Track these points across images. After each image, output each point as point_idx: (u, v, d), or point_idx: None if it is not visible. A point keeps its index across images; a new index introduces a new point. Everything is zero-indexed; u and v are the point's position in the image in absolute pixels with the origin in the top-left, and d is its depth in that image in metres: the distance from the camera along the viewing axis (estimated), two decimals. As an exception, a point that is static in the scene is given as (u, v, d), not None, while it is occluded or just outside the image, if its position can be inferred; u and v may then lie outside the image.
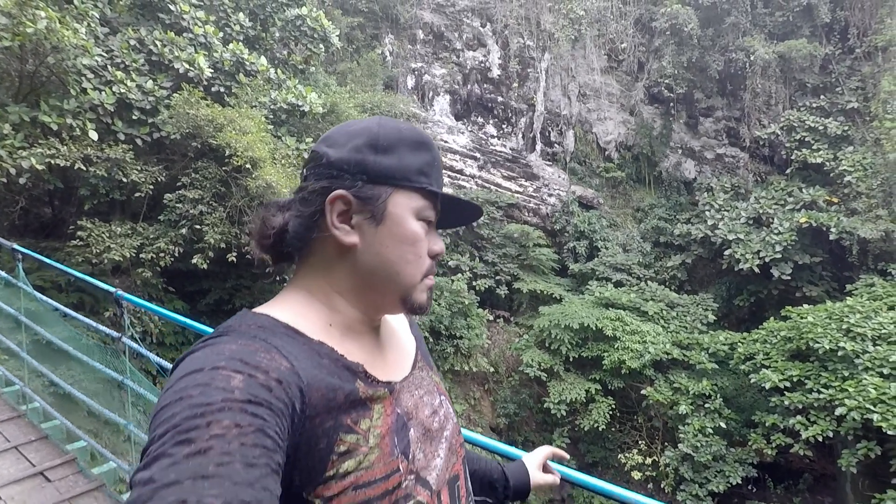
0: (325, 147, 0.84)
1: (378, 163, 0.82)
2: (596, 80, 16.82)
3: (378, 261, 0.83)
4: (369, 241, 0.82)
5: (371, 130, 0.84)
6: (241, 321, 0.75)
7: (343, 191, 0.80)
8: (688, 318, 13.41)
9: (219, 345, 0.68)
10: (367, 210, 0.82)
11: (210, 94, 8.18)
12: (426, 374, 0.95)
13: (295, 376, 0.68)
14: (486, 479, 1.23)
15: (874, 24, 14.00)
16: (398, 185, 0.83)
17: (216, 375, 0.62)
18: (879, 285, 11.35)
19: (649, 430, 12.42)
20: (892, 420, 7.72)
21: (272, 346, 0.69)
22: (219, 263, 8.12)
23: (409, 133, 0.87)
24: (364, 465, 0.73)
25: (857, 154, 13.30)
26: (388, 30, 16.53)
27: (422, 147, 0.87)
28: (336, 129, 0.88)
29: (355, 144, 0.83)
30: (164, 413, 0.60)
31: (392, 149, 0.84)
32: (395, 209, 0.83)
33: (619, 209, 16.93)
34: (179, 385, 0.62)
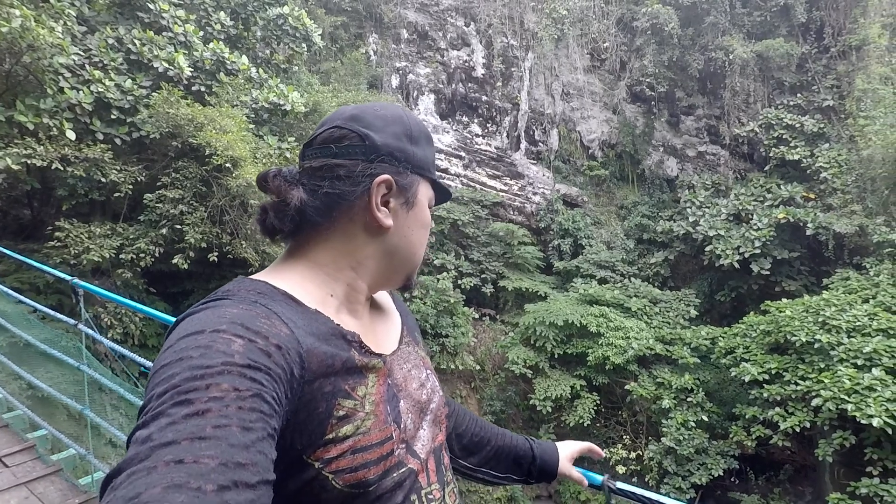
0: (364, 128, 0.85)
1: (414, 153, 0.88)
2: (579, 80, 16.97)
3: (404, 242, 0.89)
4: (400, 224, 0.87)
5: (403, 120, 0.89)
6: (239, 286, 0.76)
7: (389, 176, 0.84)
8: (670, 313, 13.60)
9: (220, 308, 0.68)
10: (403, 196, 0.87)
11: (190, 93, 8.14)
12: (412, 349, 0.98)
13: (294, 342, 0.69)
14: (511, 453, 1.25)
15: (848, 24, 14.30)
16: (424, 175, 0.90)
17: (217, 338, 0.63)
18: (854, 279, 11.61)
19: (633, 425, 12.58)
20: (865, 410, 7.91)
21: (272, 311, 0.70)
22: (201, 264, 8.08)
23: (424, 126, 0.93)
24: (361, 430, 0.75)
25: (832, 151, 13.58)
26: (373, 29, 16.52)
27: (431, 141, 0.95)
28: (365, 109, 0.88)
29: (395, 132, 0.86)
30: (164, 372, 0.60)
31: (419, 140, 0.90)
32: (420, 197, 0.90)
33: (603, 207, 17.10)
34: (180, 345, 0.63)
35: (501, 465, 1.24)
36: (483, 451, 1.21)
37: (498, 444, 1.23)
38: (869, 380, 8.35)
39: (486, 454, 1.21)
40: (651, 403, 11.75)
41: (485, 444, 1.21)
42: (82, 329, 3.18)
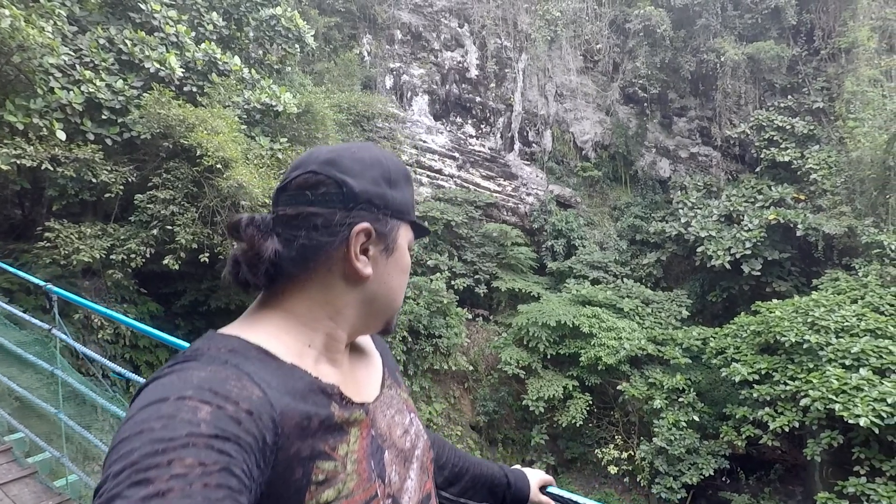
0: (341, 174, 0.81)
1: (394, 198, 0.85)
2: (572, 81, 17.04)
3: (384, 289, 0.86)
4: (380, 271, 0.84)
5: (382, 163, 0.86)
6: (209, 343, 0.72)
7: (368, 224, 0.81)
8: (662, 314, 13.68)
9: (186, 371, 0.64)
10: (383, 243, 0.84)
11: (182, 93, 8.12)
12: (395, 392, 0.95)
13: (267, 405, 0.65)
14: (487, 482, 1.24)
15: (838, 27, 14.44)
16: (403, 219, 0.88)
17: (182, 406, 0.58)
18: (843, 280, 11.72)
19: (625, 425, 12.63)
20: (853, 409, 8.00)
21: (244, 372, 0.66)
22: (193, 264, 8.07)
23: (403, 166, 0.91)
24: (344, 494, 0.72)
25: (822, 153, 13.70)
26: (366, 30, 16.53)
27: (409, 180, 0.92)
28: (341, 152, 0.85)
29: (373, 176, 0.83)
30: (121, 448, 0.55)
31: (398, 182, 0.87)
32: (401, 241, 0.87)
33: (597, 208, 17.17)
34: (141, 416, 0.58)
35: (478, 493, 1.23)
36: (462, 480, 1.21)
37: (474, 473, 1.23)
38: (856, 380, 8.44)
39: (465, 484, 1.21)
40: (643, 404, 11.81)
41: (464, 474, 1.20)
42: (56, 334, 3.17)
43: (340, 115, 12.74)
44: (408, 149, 15.68)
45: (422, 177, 15.86)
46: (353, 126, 13.65)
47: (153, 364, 8.06)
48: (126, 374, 2.68)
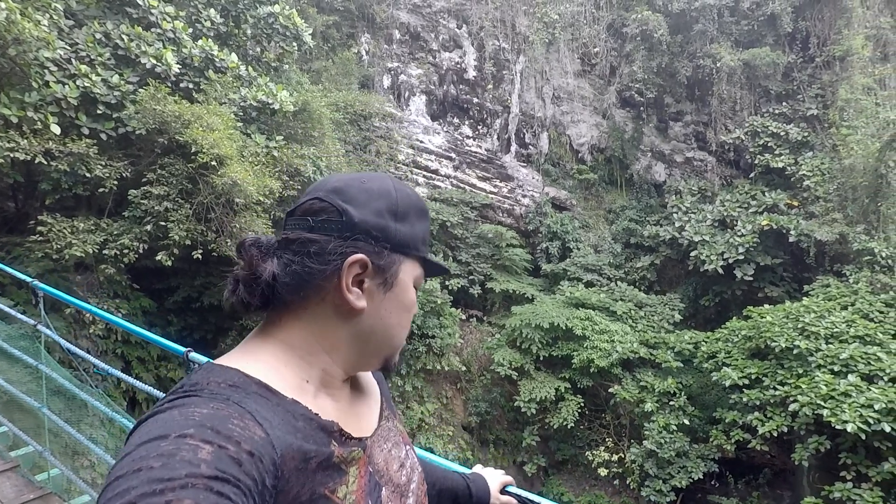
0: (343, 203, 0.80)
1: (398, 231, 0.82)
2: (569, 84, 17.09)
3: (379, 325, 0.83)
4: (376, 306, 0.82)
5: (390, 194, 0.83)
6: (209, 376, 0.70)
7: (364, 256, 0.79)
8: (655, 317, 13.74)
9: (188, 407, 0.63)
10: (381, 277, 0.81)
11: (178, 89, 8.11)
12: (392, 423, 0.95)
13: (269, 447, 0.64)
14: (452, 493, 1.26)
15: (833, 35, 14.55)
16: (408, 254, 0.84)
17: (182, 445, 0.56)
18: (834, 286, 11.82)
19: (616, 428, 12.69)
20: (840, 415, 8.06)
21: (246, 410, 0.65)
22: (186, 261, 8.06)
23: (416, 198, 0.88)
24: None
25: (815, 159, 13.80)
26: (365, 29, 16.53)
27: (424, 215, 0.88)
28: (350, 181, 0.84)
29: (377, 208, 0.81)
30: (118, 485, 0.53)
31: (407, 216, 0.84)
32: (403, 277, 0.84)
33: (592, 210, 17.23)
34: (139, 453, 0.56)
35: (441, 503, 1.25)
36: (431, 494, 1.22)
37: (441, 487, 1.23)
38: (845, 386, 8.52)
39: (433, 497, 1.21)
40: (634, 406, 11.87)
41: (433, 487, 1.20)
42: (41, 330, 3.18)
43: (337, 113, 12.74)
44: (404, 148, 15.70)
45: (418, 177, 15.88)
46: (349, 125, 13.65)
47: (145, 360, 8.06)
48: (111, 370, 2.69)
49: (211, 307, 9.17)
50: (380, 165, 14.60)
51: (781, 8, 14.80)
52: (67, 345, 3.07)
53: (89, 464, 4.80)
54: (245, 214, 7.62)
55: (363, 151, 14.54)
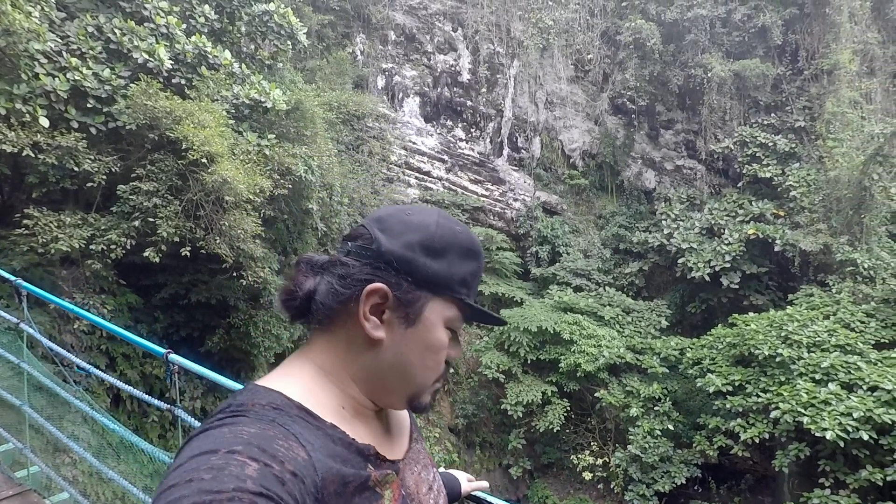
0: (378, 230, 0.82)
1: (427, 267, 0.80)
2: (563, 89, 17.21)
3: (399, 361, 0.82)
4: (396, 340, 0.81)
5: (428, 229, 0.82)
6: (253, 397, 0.73)
7: (384, 285, 0.78)
8: (642, 323, 13.87)
9: (237, 425, 0.66)
10: (402, 310, 0.80)
11: (170, 85, 8.07)
12: (420, 446, 0.97)
13: (311, 469, 0.66)
14: None
15: (821, 48, 14.79)
16: (438, 293, 0.82)
17: (231, 460, 0.60)
18: (817, 295, 12.01)
19: (602, 432, 12.78)
20: (820, 423, 8.20)
21: (290, 432, 0.68)
22: (174, 257, 8.00)
23: (463, 238, 0.85)
24: None
25: (802, 171, 14.02)
26: (360, 29, 16.53)
27: (471, 255, 0.85)
28: (393, 211, 0.85)
29: (409, 241, 0.81)
30: (170, 494, 0.57)
31: (443, 253, 0.82)
32: (429, 315, 0.82)
33: (582, 216, 17.35)
34: (191, 465, 0.60)
35: None
36: None
37: None
38: (825, 394, 8.66)
39: None
40: (620, 411, 11.97)
41: None
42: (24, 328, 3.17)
43: (330, 113, 12.73)
44: (397, 150, 15.71)
45: (410, 178, 15.90)
46: (342, 125, 13.65)
47: (130, 356, 7.99)
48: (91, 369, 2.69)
49: (198, 304, 9.10)
50: (372, 166, 14.61)
51: (772, 21, 15.03)
52: (49, 343, 3.06)
53: (70, 461, 4.77)
54: (235, 212, 7.59)
55: (356, 151, 14.54)
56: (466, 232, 0.86)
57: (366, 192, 13.89)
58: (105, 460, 3.71)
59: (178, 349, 9.38)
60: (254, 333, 9.38)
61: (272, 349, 10.09)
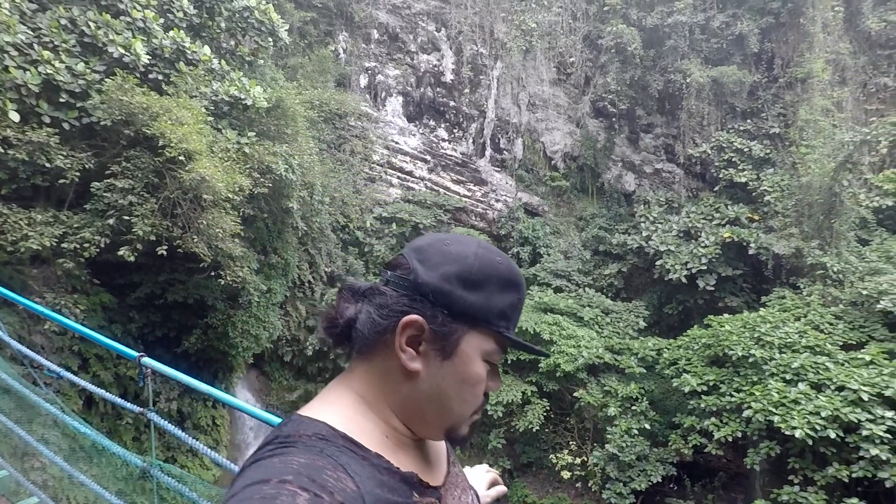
0: (416, 260, 0.82)
1: (464, 299, 0.80)
2: (545, 91, 17.35)
3: (435, 393, 0.82)
4: (432, 372, 0.81)
5: (466, 260, 0.81)
6: (299, 428, 0.74)
7: (420, 318, 0.79)
8: (621, 324, 14.06)
9: (287, 455, 0.68)
10: (439, 343, 0.80)
11: (147, 81, 7.91)
12: (457, 469, 0.97)
13: (359, 500, 0.67)
14: None
15: (796, 57, 15.17)
16: (476, 326, 0.82)
17: (282, 490, 0.61)
18: (789, 298, 12.33)
19: (580, 432, 12.93)
20: (790, 422, 8.42)
21: (339, 463, 0.69)
22: (150, 256, 7.86)
23: (503, 269, 0.84)
24: None
25: (776, 176, 14.37)
26: (343, 27, 16.42)
27: (511, 287, 0.84)
28: (433, 240, 0.85)
29: (446, 272, 0.80)
30: None
31: (482, 285, 0.81)
32: (466, 348, 0.81)
33: (563, 217, 17.51)
34: (244, 494, 0.62)
35: None
36: None
37: None
38: (795, 393, 8.90)
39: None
40: (598, 411, 12.12)
41: None
42: None
43: (312, 111, 12.63)
44: (379, 149, 15.66)
45: (392, 178, 15.86)
46: (324, 123, 13.55)
47: (103, 357, 7.82)
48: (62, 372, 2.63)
49: (175, 304, 8.96)
50: (354, 165, 14.54)
51: (749, 29, 15.36)
52: (18, 346, 2.98)
53: (40, 465, 4.65)
54: (213, 211, 7.48)
55: (338, 150, 14.45)
56: (507, 263, 0.85)
57: (347, 191, 13.82)
58: (76, 464, 3.64)
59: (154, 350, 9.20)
60: (232, 334, 9.27)
61: (251, 349, 9.99)
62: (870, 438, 8.13)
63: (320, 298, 12.58)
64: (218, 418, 10.32)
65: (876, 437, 8.09)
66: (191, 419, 9.54)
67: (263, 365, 12.70)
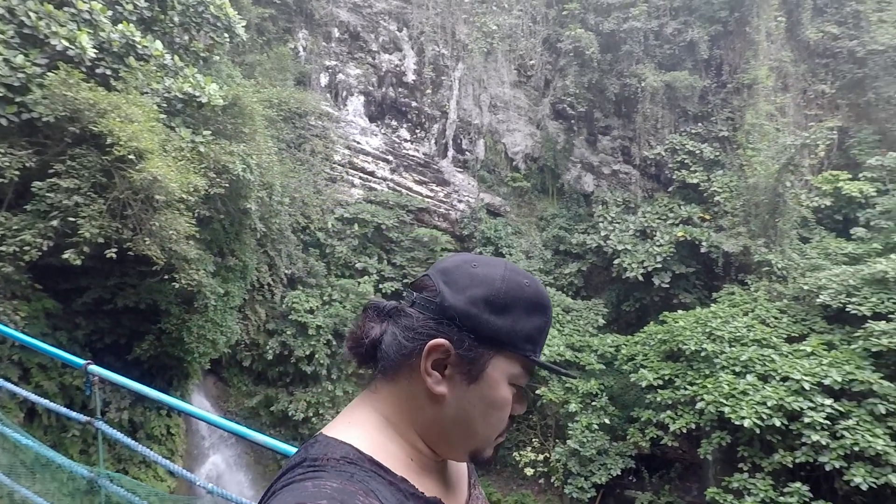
0: (442, 283, 0.81)
1: (490, 323, 0.79)
2: (506, 93, 17.56)
3: (462, 416, 0.81)
4: (458, 395, 0.80)
5: (493, 284, 0.80)
6: (326, 451, 0.75)
7: (446, 341, 0.78)
8: (581, 321, 14.39)
9: (319, 479, 0.68)
10: (465, 367, 0.80)
11: (94, 76, 7.56)
12: (478, 491, 0.98)
13: None
14: None
15: (742, 64, 15.92)
16: (502, 350, 0.81)
17: None
18: (738, 294, 12.92)
19: (543, 428, 13.15)
20: (739, 412, 8.83)
21: (370, 489, 0.69)
22: (98, 259, 7.51)
23: (530, 292, 0.83)
24: None
25: (725, 177, 15.03)
26: (302, 24, 16.15)
27: (538, 310, 0.83)
28: (460, 262, 0.85)
29: (473, 296, 0.79)
30: None
31: (508, 309, 0.80)
32: (492, 372, 0.81)
33: (524, 217, 17.76)
34: None
35: None
36: None
37: None
38: (744, 385, 9.34)
39: None
40: (559, 407, 12.36)
41: None
42: None
43: (271, 110, 12.37)
44: (341, 149, 15.48)
45: (354, 178, 15.70)
46: (283, 122, 13.29)
47: (46, 366, 7.42)
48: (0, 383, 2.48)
49: (125, 309, 8.60)
50: (314, 165, 14.31)
51: (699, 36, 16.00)
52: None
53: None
54: (166, 212, 7.22)
55: (298, 150, 14.19)
56: (534, 285, 0.84)
57: (308, 191, 13.59)
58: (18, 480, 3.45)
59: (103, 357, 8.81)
60: (187, 339, 8.96)
61: (208, 355, 9.69)
62: (811, 425, 8.63)
63: (280, 301, 12.33)
64: (173, 427, 9.96)
65: (816, 423, 8.58)
66: (143, 429, 9.17)
67: (221, 371, 12.34)
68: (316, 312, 12.24)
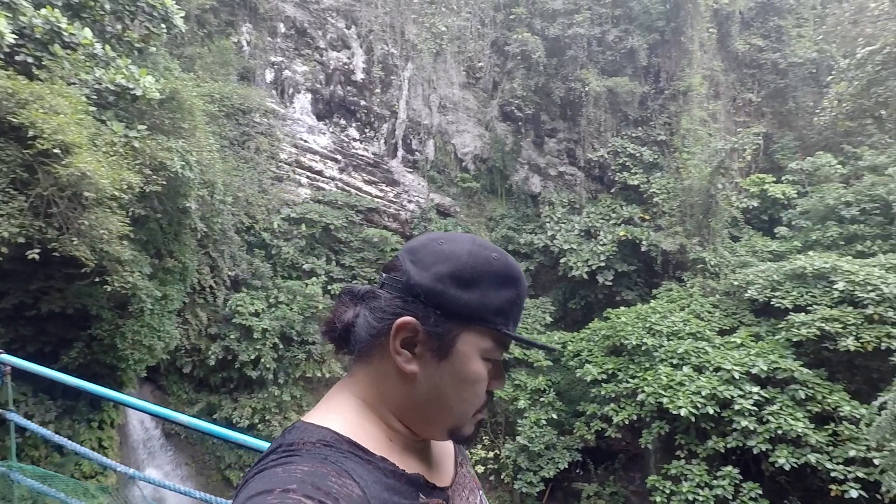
0: (409, 262, 0.81)
1: (457, 298, 0.79)
2: (455, 94, 17.69)
3: (434, 394, 0.81)
4: (429, 372, 0.80)
5: (459, 259, 0.80)
6: (303, 436, 0.74)
7: (412, 319, 0.78)
8: (529, 319, 14.70)
9: (290, 465, 0.67)
10: (434, 343, 0.79)
11: (13, 63, 7.02)
12: (465, 469, 0.97)
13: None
14: None
15: (678, 72, 16.77)
16: (471, 324, 0.80)
17: (286, 499, 0.61)
18: (675, 290, 13.61)
19: (493, 426, 13.34)
20: (676, 402, 9.29)
21: (343, 469, 0.68)
22: (19, 261, 6.97)
23: (499, 266, 0.82)
24: None
25: (663, 179, 15.79)
26: (246, 18, 15.62)
27: (508, 283, 0.82)
28: (427, 240, 0.84)
29: (439, 272, 0.79)
30: None
31: (476, 283, 0.80)
32: (462, 347, 0.80)
33: (474, 218, 17.95)
34: None
35: None
36: None
37: None
38: (680, 376, 9.83)
39: None
40: (509, 404, 12.58)
41: None
42: None
43: (212, 105, 11.90)
44: (287, 147, 15.10)
45: (301, 177, 15.36)
46: (226, 119, 12.82)
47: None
48: None
49: (51, 315, 8.03)
50: (259, 163, 13.89)
51: (639, 44, 16.72)
52: None
53: None
54: (96, 210, 6.80)
55: (241, 148, 13.72)
56: (503, 259, 0.84)
57: (252, 190, 13.17)
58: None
59: (24, 366, 8.00)
60: (121, 345, 8.48)
61: (144, 362, 9.20)
62: (740, 412, 9.20)
63: (223, 304, 11.88)
64: (105, 440, 9.38)
65: (745, 410, 9.16)
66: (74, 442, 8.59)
67: (159, 378, 11.74)
68: (261, 315, 11.88)
